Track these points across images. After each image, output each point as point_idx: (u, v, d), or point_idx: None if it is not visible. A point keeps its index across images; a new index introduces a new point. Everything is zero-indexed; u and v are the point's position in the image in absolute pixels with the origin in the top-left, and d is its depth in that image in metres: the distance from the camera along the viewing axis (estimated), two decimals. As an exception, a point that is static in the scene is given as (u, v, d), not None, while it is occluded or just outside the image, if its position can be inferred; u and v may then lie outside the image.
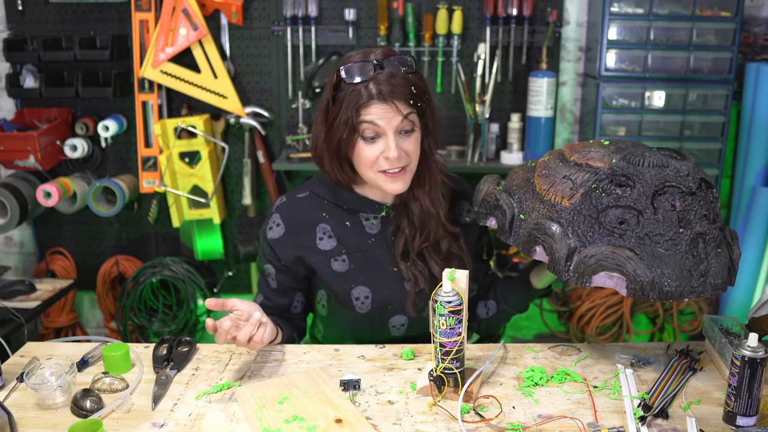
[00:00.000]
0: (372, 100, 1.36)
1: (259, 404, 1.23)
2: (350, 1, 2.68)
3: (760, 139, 2.57)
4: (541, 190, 1.32)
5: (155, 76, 2.67)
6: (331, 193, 1.53)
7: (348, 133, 1.39)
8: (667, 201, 1.22)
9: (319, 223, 1.52)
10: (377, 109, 1.37)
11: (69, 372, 1.27)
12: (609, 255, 1.19)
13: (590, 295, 2.85)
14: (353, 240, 1.52)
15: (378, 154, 1.39)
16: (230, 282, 3.00)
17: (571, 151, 1.35)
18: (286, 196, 1.57)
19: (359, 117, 1.37)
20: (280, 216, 1.54)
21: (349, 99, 1.37)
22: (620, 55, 2.57)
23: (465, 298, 1.23)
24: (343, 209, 1.53)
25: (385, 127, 1.38)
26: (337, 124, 1.40)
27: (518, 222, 1.34)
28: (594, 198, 1.23)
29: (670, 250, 1.20)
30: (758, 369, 1.14)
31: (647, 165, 1.24)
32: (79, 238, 2.97)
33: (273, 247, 1.53)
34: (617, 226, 1.21)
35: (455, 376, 1.25)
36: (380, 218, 1.53)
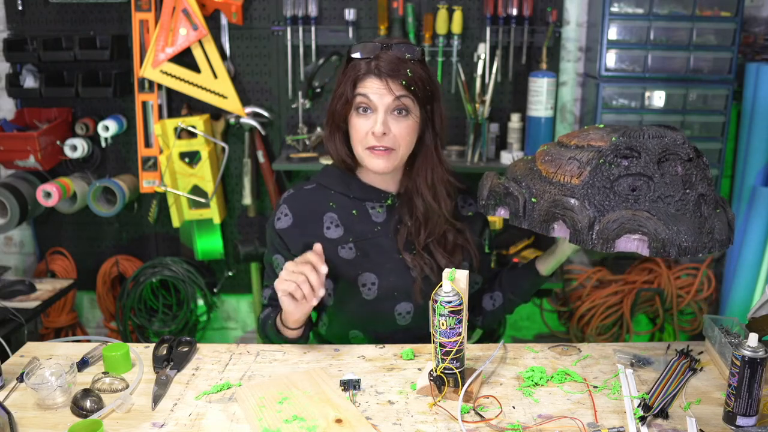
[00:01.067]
0: (369, 74, 1.45)
1: (259, 404, 1.23)
2: (350, 1, 2.68)
3: (760, 139, 2.57)
4: (548, 173, 1.37)
5: (155, 76, 2.67)
6: (338, 183, 1.58)
7: (343, 103, 1.47)
8: (671, 166, 1.30)
9: (326, 212, 1.56)
10: (372, 83, 1.44)
11: (69, 372, 1.27)
12: (630, 217, 1.24)
13: (590, 295, 2.85)
14: (360, 228, 1.56)
15: (368, 129, 1.46)
16: (230, 282, 3.00)
17: (569, 137, 1.41)
18: (293, 188, 1.62)
19: (355, 89, 1.46)
20: (288, 206, 1.58)
21: (350, 72, 1.47)
22: (620, 55, 2.57)
23: (465, 298, 1.23)
24: (349, 198, 1.57)
25: (377, 103, 1.44)
26: (337, 95, 1.49)
27: (530, 205, 1.38)
28: (603, 171, 1.30)
29: (681, 210, 1.28)
30: (758, 369, 1.14)
31: (647, 137, 1.33)
32: (79, 238, 2.97)
33: (282, 237, 1.56)
34: (630, 193, 1.28)
35: (455, 376, 1.25)
36: (386, 207, 1.58)
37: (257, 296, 2.90)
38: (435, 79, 1.53)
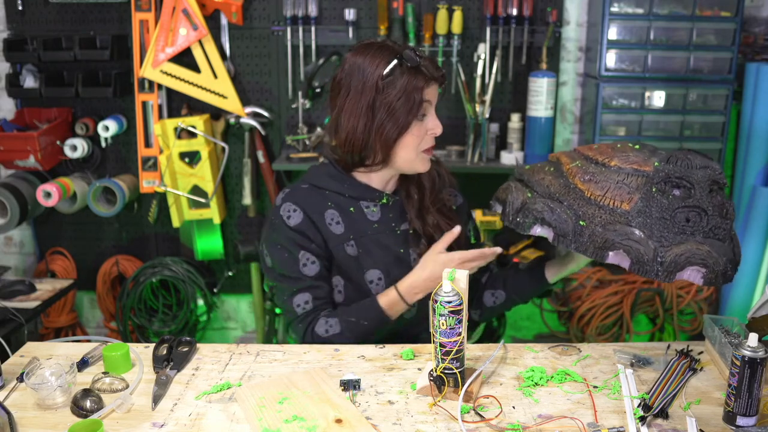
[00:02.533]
0: (431, 80, 1.50)
1: (259, 404, 1.23)
2: (350, 1, 2.68)
3: (760, 139, 2.56)
4: (593, 195, 1.40)
5: (155, 76, 2.67)
6: (332, 182, 1.58)
7: (411, 114, 1.48)
8: (716, 197, 1.37)
9: (326, 210, 1.57)
10: (432, 89, 1.51)
11: (69, 372, 1.27)
12: (695, 251, 1.30)
13: (590, 295, 2.85)
14: (358, 226, 1.57)
15: (424, 132, 1.52)
16: (230, 282, 3.00)
17: (602, 154, 1.44)
18: (288, 188, 1.61)
19: (423, 96, 1.48)
20: (293, 203, 1.56)
21: (413, 82, 1.47)
22: (620, 55, 2.57)
23: (465, 298, 1.23)
24: (345, 197, 1.58)
25: (432, 106, 1.52)
26: (398, 105, 1.47)
27: (579, 228, 1.39)
28: (656, 199, 1.35)
29: (724, 239, 1.35)
30: (758, 369, 1.14)
31: (695, 167, 1.39)
32: (79, 238, 2.97)
33: (301, 232, 1.54)
34: (686, 223, 1.34)
35: (455, 376, 1.25)
36: (380, 206, 1.60)
37: (257, 296, 2.90)
38: None
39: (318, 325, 1.54)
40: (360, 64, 1.48)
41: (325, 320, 1.54)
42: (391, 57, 1.48)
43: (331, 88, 1.57)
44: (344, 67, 1.52)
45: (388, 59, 1.47)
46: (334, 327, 1.53)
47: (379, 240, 1.58)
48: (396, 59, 1.47)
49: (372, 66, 1.47)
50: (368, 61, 1.48)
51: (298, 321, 1.56)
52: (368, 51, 1.50)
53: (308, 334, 1.55)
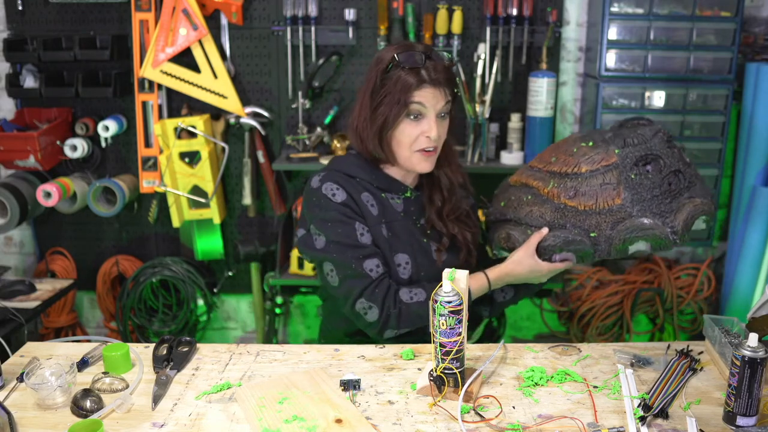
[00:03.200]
0: (424, 83, 1.52)
1: (259, 404, 1.23)
2: (350, 1, 2.68)
3: (760, 139, 2.56)
4: (587, 206, 1.49)
5: (155, 76, 2.67)
6: (362, 171, 1.62)
7: (397, 111, 1.53)
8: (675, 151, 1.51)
9: (362, 192, 1.60)
10: (426, 92, 1.53)
11: (69, 372, 1.27)
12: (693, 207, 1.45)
13: (590, 296, 2.85)
14: (390, 215, 1.62)
15: (419, 133, 1.55)
16: (230, 282, 3.00)
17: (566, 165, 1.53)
18: (322, 172, 1.62)
19: (410, 98, 1.52)
20: (334, 182, 1.58)
21: (403, 81, 1.51)
22: (620, 55, 2.57)
23: (465, 298, 1.23)
24: (374, 186, 1.62)
25: (430, 110, 1.54)
26: (387, 102, 1.53)
27: (593, 240, 1.49)
28: (637, 183, 1.46)
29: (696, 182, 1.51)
30: (758, 369, 1.14)
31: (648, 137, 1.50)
32: (79, 238, 2.97)
33: (349, 206, 1.56)
34: (671, 189, 1.47)
35: (455, 376, 1.25)
36: (403, 198, 1.64)
37: (257, 296, 2.90)
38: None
39: (401, 291, 1.54)
40: (378, 58, 1.57)
41: (408, 288, 1.55)
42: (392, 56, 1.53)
43: None
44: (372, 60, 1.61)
45: (390, 57, 1.53)
46: (419, 294, 1.53)
47: (405, 227, 1.63)
48: (392, 57, 1.52)
49: (382, 60, 1.55)
50: (383, 54, 1.56)
51: (374, 285, 1.52)
52: (390, 46, 1.57)
53: (390, 297, 1.52)
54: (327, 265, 1.57)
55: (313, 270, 2.68)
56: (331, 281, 1.57)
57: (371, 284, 1.52)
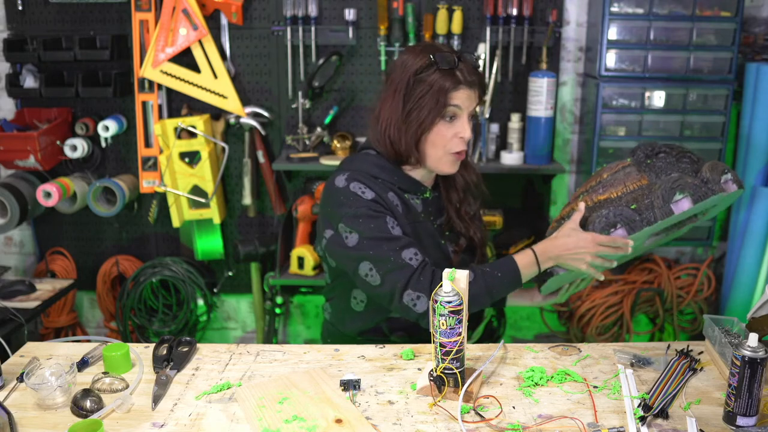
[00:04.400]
0: (460, 85, 1.52)
1: (259, 404, 1.23)
2: (350, 1, 2.68)
3: (760, 139, 2.56)
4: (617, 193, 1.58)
5: (155, 76, 2.67)
6: (383, 173, 1.61)
7: (435, 113, 1.53)
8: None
9: (388, 192, 1.59)
10: (462, 93, 1.53)
11: (69, 372, 1.27)
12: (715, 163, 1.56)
13: (590, 295, 2.85)
14: (412, 216, 1.62)
15: (453, 134, 1.55)
16: (230, 282, 3.00)
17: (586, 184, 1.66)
18: (347, 171, 1.60)
19: (448, 100, 1.52)
20: (360, 182, 1.57)
21: (440, 83, 1.51)
22: (620, 55, 2.57)
23: (465, 298, 1.23)
24: (395, 187, 1.62)
25: (464, 111, 1.55)
26: (424, 105, 1.53)
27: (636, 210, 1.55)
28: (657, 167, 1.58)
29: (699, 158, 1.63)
30: (758, 369, 1.14)
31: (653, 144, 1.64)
32: (79, 238, 2.97)
33: (379, 202, 1.55)
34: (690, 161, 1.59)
35: (455, 376, 1.25)
36: (422, 199, 1.65)
37: (257, 296, 2.90)
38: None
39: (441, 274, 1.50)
40: (404, 60, 1.56)
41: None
42: (427, 57, 1.52)
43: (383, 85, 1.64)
44: (393, 64, 1.61)
45: (425, 59, 1.52)
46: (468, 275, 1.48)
47: (426, 228, 1.64)
48: (429, 58, 1.52)
49: (411, 62, 1.54)
50: (411, 57, 1.55)
51: (418, 274, 1.49)
52: (416, 49, 1.57)
53: (436, 282, 1.47)
54: (364, 265, 1.52)
55: (313, 270, 2.68)
56: (372, 281, 1.52)
57: (414, 273, 1.49)
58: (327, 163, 2.62)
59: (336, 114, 2.76)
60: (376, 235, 1.50)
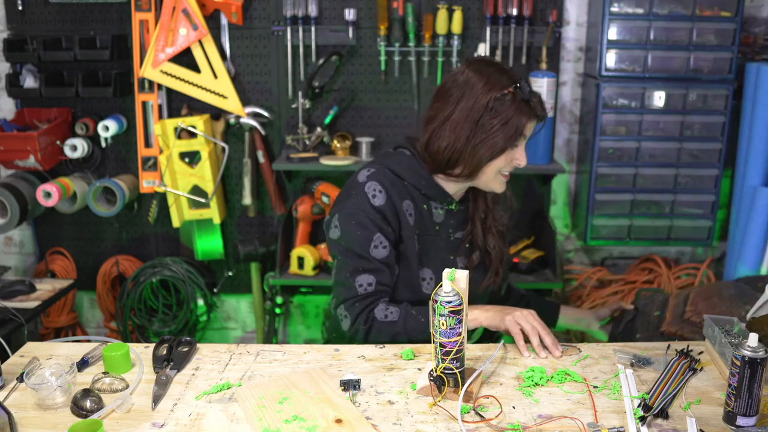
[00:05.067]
0: (533, 117, 1.55)
1: (259, 404, 1.23)
2: (350, 1, 2.68)
3: (760, 139, 2.56)
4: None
5: (155, 76, 2.67)
6: (412, 175, 1.60)
7: (508, 143, 1.54)
8: None
9: (405, 199, 1.60)
10: (532, 125, 1.57)
11: (69, 372, 1.27)
12: None
13: (590, 295, 2.85)
14: (424, 224, 1.62)
15: (511, 159, 1.57)
16: (230, 282, 3.00)
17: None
18: (372, 167, 1.61)
19: (524, 129, 1.54)
20: (379, 183, 1.57)
21: (518, 116, 1.52)
22: (620, 55, 2.57)
23: (465, 298, 1.23)
24: (420, 193, 1.61)
25: (526, 139, 1.58)
26: (501, 131, 1.52)
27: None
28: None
29: None
30: (758, 369, 1.14)
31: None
32: (79, 238, 2.97)
33: (383, 213, 1.55)
34: None
35: (455, 376, 1.25)
36: (446, 210, 1.64)
37: (257, 296, 2.90)
38: None
39: (378, 309, 1.55)
40: (476, 82, 1.52)
41: (385, 306, 1.55)
42: (507, 84, 1.52)
43: (438, 91, 1.58)
44: (458, 77, 1.55)
45: (504, 85, 1.52)
46: (393, 314, 1.54)
47: (436, 242, 1.64)
48: (513, 88, 1.52)
49: (487, 87, 1.51)
50: (485, 80, 1.52)
51: (356, 300, 1.56)
52: (488, 71, 1.54)
53: (364, 314, 1.55)
54: (333, 258, 1.63)
55: (313, 270, 2.68)
56: (332, 274, 1.63)
57: (354, 297, 1.56)
58: (327, 163, 2.62)
59: (336, 114, 2.76)
60: (352, 246, 1.56)
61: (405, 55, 2.70)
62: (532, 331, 1.46)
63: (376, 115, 2.80)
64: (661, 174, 2.67)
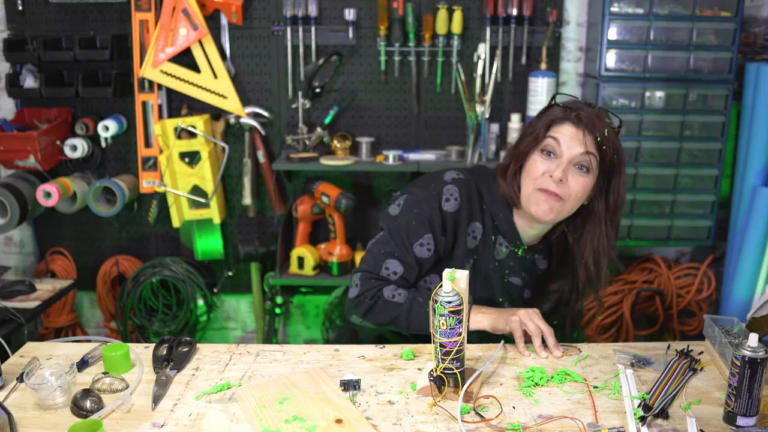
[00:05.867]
0: (567, 120, 1.45)
1: (259, 404, 1.23)
2: (350, 1, 2.68)
3: (760, 139, 2.56)
4: None
5: (155, 76, 2.67)
6: (494, 203, 1.56)
7: (532, 141, 1.48)
8: None
9: (476, 220, 1.56)
10: (567, 129, 1.45)
11: (69, 372, 1.27)
12: None
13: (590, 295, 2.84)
14: (484, 256, 1.58)
15: (545, 170, 1.46)
16: (230, 282, 3.00)
17: None
18: (464, 175, 1.57)
19: (548, 131, 1.47)
20: (459, 190, 1.54)
21: (549, 114, 1.48)
22: (620, 55, 2.57)
23: (465, 298, 1.23)
24: (493, 224, 1.57)
25: (564, 151, 1.45)
26: (529, 132, 1.50)
27: None
28: None
29: None
30: (758, 369, 1.14)
31: None
32: (79, 238, 2.97)
33: (444, 220, 1.52)
34: None
35: (455, 376, 1.25)
36: (510, 250, 1.60)
37: (257, 296, 2.90)
38: (623, 152, 1.51)
39: (387, 288, 1.53)
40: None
41: (395, 287, 1.53)
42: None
43: None
44: None
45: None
46: (400, 296, 1.52)
47: (489, 278, 1.60)
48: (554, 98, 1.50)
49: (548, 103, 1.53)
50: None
51: (374, 277, 1.54)
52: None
53: (372, 291, 1.53)
54: (379, 234, 1.59)
55: (313, 270, 2.68)
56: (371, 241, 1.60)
57: (373, 274, 1.54)
58: (327, 163, 2.62)
59: (336, 114, 2.76)
60: (401, 231, 1.53)
61: (405, 55, 2.70)
62: (536, 331, 1.45)
63: (376, 115, 2.80)
64: (661, 174, 2.67)
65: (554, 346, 1.44)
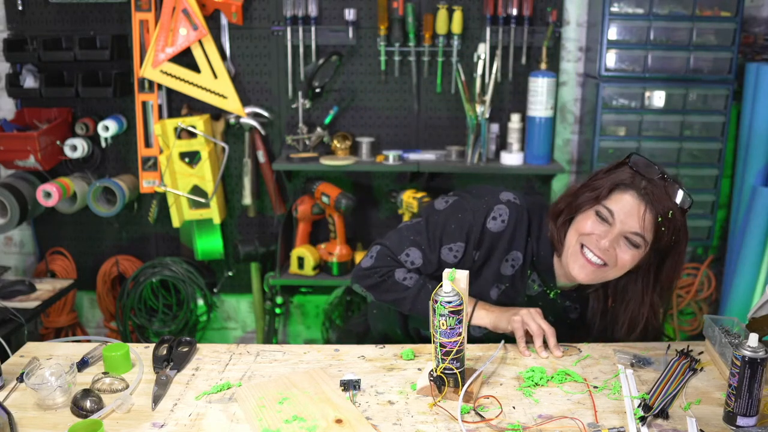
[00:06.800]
0: (632, 188, 1.38)
1: (259, 404, 1.23)
2: (350, 1, 2.68)
3: (760, 139, 2.56)
4: None
5: (155, 76, 2.67)
6: (539, 239, 1.53)
7: (591, 198, 1.42)
8: None
9: (517, 249, 1.52)
10: (628, 200, 1.38)
11: (69, 372, 1.27)
12: None
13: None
14: (515, 287, 1.55)
15: (593, 232, 1.41)
16: (230, 282, 3.00)
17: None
18: (520, 201, 1.53)
19: (610, 193, 1.39)
20: (509, 214, 1.50)
21: (617, 175, 1.40)
22: (620, 55, 2.57)
23: (465, 298, 1.23)
24: (533, 259, 1.54)
25: (617, 223, 1.38)
26: (591, 186, 1.43)
27: None
28: None
29: None
30: (758, 369, 1.14)
31: None
32: (79, 238, 2.97)
33: (483, 237, 1.50)
34: None
35: (455, 376, 1.25)
36: (541, 290, 1.58)
37: (257, 296, 2.90)
38: (686, 232, 1.44)
39: (400, 270, 1.52)
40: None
41: (407, 270, 1.52)
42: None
43: None
44: None
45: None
46: (411, 280, 1.51)
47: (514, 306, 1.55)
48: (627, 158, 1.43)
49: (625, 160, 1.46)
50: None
51: (392, 257, 1.53)
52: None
53: (385, 268, 1.52)
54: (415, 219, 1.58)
55: (313, 270, 2.68)
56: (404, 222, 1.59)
57: (392, 254, 1.54)
58: (327, 163, 2.62)
59: (336, 114, 2.76)
60: (437, 228, 1.52)
61: (405, 55, 2.70)
62: (538, 331, 1.44)
63: (376, 115, 2.80)
64: (661, 174, 2.67)
65: (555, 346, 1.44)
